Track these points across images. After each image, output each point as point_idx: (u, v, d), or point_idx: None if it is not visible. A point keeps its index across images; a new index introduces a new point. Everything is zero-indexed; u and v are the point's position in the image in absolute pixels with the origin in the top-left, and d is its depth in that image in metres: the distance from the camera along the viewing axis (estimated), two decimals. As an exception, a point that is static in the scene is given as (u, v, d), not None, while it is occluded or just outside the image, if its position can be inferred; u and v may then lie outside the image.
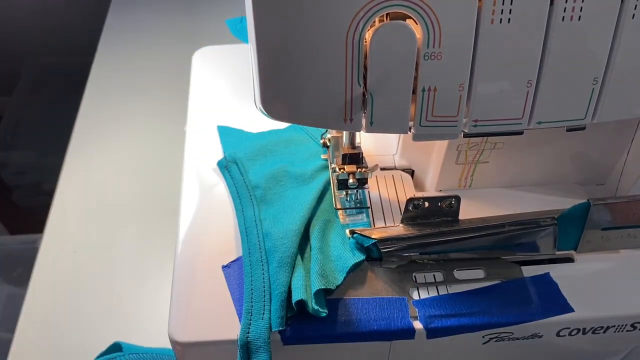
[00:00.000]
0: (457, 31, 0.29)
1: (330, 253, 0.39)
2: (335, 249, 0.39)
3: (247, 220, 0.42)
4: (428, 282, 0.38)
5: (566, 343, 0.38)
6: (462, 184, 0.44)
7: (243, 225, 0.42)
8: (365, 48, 0.29)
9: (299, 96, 0.32)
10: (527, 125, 0.33)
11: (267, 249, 0.39)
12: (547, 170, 0.44)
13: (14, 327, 0.53)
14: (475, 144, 0.40)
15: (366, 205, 0.43)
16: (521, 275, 0.39)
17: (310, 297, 0.36)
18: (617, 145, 0.42)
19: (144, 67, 0.79)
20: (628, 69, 0.31)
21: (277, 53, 0.30)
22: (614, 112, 0.33)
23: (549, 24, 0.29)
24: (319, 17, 0.29)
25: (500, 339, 0.37)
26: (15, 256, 1.00)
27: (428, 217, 0.39)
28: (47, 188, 1.24)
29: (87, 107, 0.74)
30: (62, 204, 0.63)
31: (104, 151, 0.69)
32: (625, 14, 0.29)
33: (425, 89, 0.31)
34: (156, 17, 0.88)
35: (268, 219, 0.41)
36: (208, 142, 0.49)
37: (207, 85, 0.54)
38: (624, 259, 0.40)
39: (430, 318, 0.36)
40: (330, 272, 0.38)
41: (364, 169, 0.41)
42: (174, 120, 0.70)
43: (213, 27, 0.84)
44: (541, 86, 0.31)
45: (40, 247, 0.59)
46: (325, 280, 0.37)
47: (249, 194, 0.44)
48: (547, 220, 0.39)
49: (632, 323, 0.37)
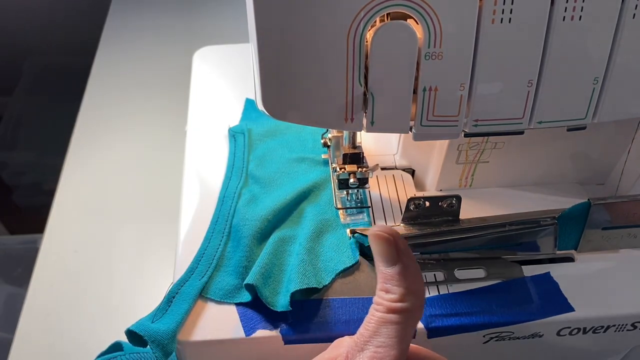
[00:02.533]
0: (458, 31, 0.29)
1: (323, 253, 0.39)
2: (329, 250, 0.39)
3: (229, 189, 0.43)
4: (429, 281, 0.38)
5: (566, 342, 0.38)
6: (462, 183, 0.44)
7: (223, 193, 0.43)
8: (366, 48, 0.29)
9: (300, 96, 0.32)
10: (528, 125, 0.33)
11: (232, 225, 0.41)
12: (548, 169, 0.44)
13: (14, 327, 0.53)
14: (476, 143, 0.40)
15: (367, 205, 0.43)
16: (522, 274, 0.39)
17: (263, 287, 0.37)
18: (617, 145, 0.42)
19: (144, 67, 0.79)
20: (628, 69, 0.31)
21: (278, 53, 0.30)
22: (614, 112, 0.33)
23: (550, 24, 0.29)
24: (320, 17, 0.29)
25: (501, 339, 0.37)
26: (15, 256, 1.00)
27: (429, 217, 0.39)
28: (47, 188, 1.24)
29: (87, 107, 0.74)
30: (62, 204, 0.63)
31: (104, 151, 0.69)
32: (625, 14, 0.29)
33: (426, 89, 0.31)
34: (156, 17, 0.88)
35: (246, 196, 0.43)
36: (208, 142, 0.49)
37: (208, 85, 0.54)
38: (624, 259, 0.40)
39: (431, 317, 0.36)
40: (317, 272, 0.38)
41: (365, 169, 0.41)
42: (174, 120, 0.70)
43: (213, 27, 0.84)
44: (542, 86, 0.31)
45: (40, 247, 0.59)
46: (307, 279, 0.37)
47: (242, 166, 0.46)
48: (548, 220, 0.39)
49: (633, 322, 0.37)
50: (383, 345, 0.29)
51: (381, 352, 0.29)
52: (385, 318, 0.30)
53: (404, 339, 0.30)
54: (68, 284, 0.55)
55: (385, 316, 0.30)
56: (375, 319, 0.30)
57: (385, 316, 0.30)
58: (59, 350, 0.51)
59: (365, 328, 0.30)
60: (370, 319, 0.30)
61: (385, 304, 0.30)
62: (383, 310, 0.30)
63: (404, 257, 0.31)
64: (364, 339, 0.30)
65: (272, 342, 0.36)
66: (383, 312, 0.30)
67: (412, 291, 0.30)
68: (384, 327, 0.30)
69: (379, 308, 0.30)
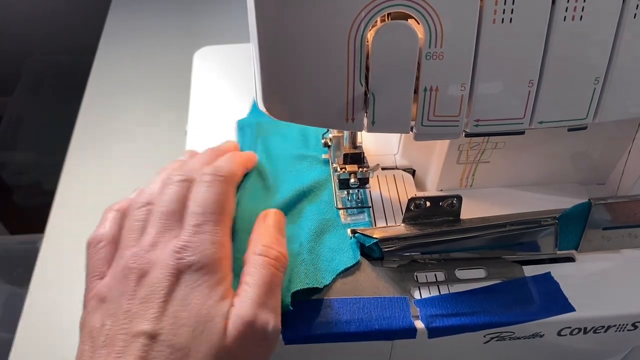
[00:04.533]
0: (459, 31, 0.29)
1: (324, 253, 0.39)
2: (330, 250, 0.39)
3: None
4: (429, 281, 0.38)
5: (567, 342, 0.38)
6: (463, 183, 0.44)
7: None
8: (367, 48, 0.29)
9: (300, 96, 0.32)
10: (529, 125, 0.33)
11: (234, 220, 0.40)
12: (548, 169, 0.44)
13: (14, 327, 0.53)
14: (477, 143, 0.40)
15: (367, 205, 0.43)
16: (522, 274, 0.39)
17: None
18: (618, 145, 0.42)
19: (144, 67, 0.79)
20: (629, 69, 0.31)
21: (279, 53, 0.30)
22: (615, 112, 0.33)
23: (551, 23, 0.29)
24: (321, 16, 0.29)
25: (502, 339, 0.37)
26: (15, 256, 1.00)
27: (429, 217, 0.39)
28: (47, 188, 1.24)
29: (87, 107, 0.74)
30: (62, 204, 0.63)
31: (104, 151, 0.69)
32: (626, 14, 0.29)
33: (427, 89, 0.31)
34: (156, 17, 0.88)
35: (249, 190, 0.42)
36: (208, 142, 0.49)
37: (208, 85, 0.54)
38: (625, 259, 0.40)
39: (431, 317, 0.36)
40: (318, 272, 0.38)
41: (366, 169, 0.41)
42: (174, 120, 0.70)
43: (213, 27, 0.84)
44: (542, 86, 0.31)
45: (41, 247, 0.59)
46: (307, 279, 0.37)
47: None
48: (548, 220, 0.39)
49: (633, 322, 0.37)
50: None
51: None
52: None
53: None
54: (68, 284, 0.55)
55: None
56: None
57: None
58: (59, 350, 0.51)
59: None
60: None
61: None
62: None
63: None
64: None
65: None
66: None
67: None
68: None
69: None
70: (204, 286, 0.32)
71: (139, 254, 0.33)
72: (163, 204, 0.35)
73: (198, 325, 0.30)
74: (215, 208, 0.35)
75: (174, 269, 0.32)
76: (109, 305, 0.32)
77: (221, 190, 0.36)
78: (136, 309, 0.31)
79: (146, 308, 0.30)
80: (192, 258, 0.32)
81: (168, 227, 0.34)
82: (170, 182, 0.36)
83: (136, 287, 0.31)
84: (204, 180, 0.37)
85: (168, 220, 0.34)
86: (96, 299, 0.33)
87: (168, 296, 0.31)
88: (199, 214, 0.34)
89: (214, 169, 0.38)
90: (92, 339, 0.31)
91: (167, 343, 0.30)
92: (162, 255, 0.32)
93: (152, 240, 0.33)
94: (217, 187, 0.36)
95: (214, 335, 0.30)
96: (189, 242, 0.33)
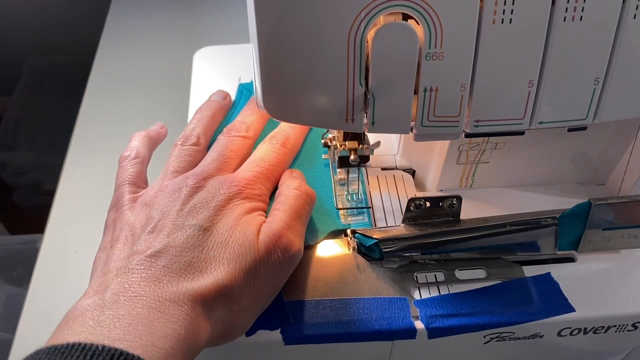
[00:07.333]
0: (459, 31, 0.29)
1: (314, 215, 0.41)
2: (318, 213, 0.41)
3: None
4: (429, 282, 0.38)
5: (567, 343, 0.38)
6: (463, 183, 0.44)
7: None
8: (367, 48, 0.29)
9: (300, 96, 0.32)
10: (529, 126, 0.33)
11: None
12: (548, 170, 0.44)
13: (14, 327, 0.53)
14: (477, 144, 0.40)
15: (367, 206, 0.43)
16: (522, 275, 0.39)
17: None
18: (618, 145, 0.42)
19: (144, 67, 0.79)
20: (629, 69, 0.31)
21: (279, 53, 0.30)
22: (615, 113, 0.33)
23: (551, 24, 0.29)
24: (321, 17, 0.29)
25: (502, 339, 0.37)
26: (15, 256, 1.00)
27: (429, 217, 0.39)
28: (47, 188, 1.24)
29: (87, 107, 0.74)
30: (62, 204, 0.63)
31: (104, 151, 0.69)
32: (626, 14, 0.29)
33: (426, 89, 0.31)
34: (156, 17, 0.87)
35: None
36: (209, 142, 0.49)
37: (208, 85, 0.54)
38: (625, 259, 0.40)
39: (431, 318, 0.36)
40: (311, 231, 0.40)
41: (366, 146, 0.40)
42: (174, 120, 0.70)
43: (213, 27, 0.84)
44: (543, 86, 0.31)
45: (41, 247, 0.59)
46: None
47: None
48: (548, 220, 0.39)
49: (633, 323, 0.37)
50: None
51: None
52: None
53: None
54: (68, 284, 0.55)
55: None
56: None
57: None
58: (59, 350, 0.51)
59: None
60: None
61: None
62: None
63: None
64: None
65: (273, 343, 0.36)
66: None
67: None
68: None
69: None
70: (246, 206, 0.36)
71: (196, 175, 0.37)
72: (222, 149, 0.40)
73: (238, 226, 0.34)
74: (269, 165, 0.40)
75: (227, 196, 0.36)
76: (157, 207, 0.35)
77: (283, 158, 0.42)
78: (188, 211, 0.34)
79: (197, 213, 0.34)
80: (241, 189, 0.37)
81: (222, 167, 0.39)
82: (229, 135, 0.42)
83: (190, 198, 0.35)
84: (271, 144, 0.42)
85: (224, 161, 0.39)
86: (140, 202, 0.37)
87: (218, 210, 0.35)
88: (255, 163, 0.40)
89: (283, 137, 0.43)
90: (132, 228, 0.35)
91: (216, 238, 0.33)
92: (215, 181, 0.37)
93: (207, 171, 0.38)
94: (279, 153, 0.41)
95: (248, 238, 0.34)
96: (242, 178, 0.38)
